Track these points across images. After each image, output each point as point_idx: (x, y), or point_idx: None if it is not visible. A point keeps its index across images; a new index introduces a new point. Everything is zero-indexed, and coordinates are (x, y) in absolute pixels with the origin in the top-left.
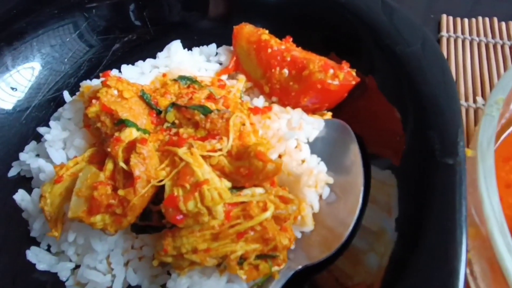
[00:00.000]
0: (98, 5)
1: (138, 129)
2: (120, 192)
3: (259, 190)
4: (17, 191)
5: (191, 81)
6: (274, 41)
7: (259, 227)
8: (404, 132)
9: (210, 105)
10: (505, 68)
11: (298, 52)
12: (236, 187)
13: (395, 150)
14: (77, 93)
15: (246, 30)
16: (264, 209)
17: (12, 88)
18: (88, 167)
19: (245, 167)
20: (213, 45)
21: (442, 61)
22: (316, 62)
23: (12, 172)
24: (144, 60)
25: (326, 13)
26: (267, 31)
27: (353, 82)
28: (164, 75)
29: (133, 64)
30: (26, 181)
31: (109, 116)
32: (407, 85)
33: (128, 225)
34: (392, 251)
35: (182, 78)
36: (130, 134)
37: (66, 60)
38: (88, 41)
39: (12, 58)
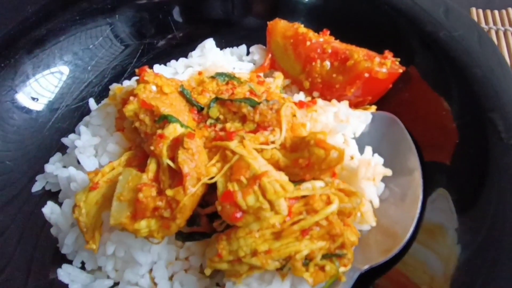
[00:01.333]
0: (122, 10)
1: (182, 125)
2: (168, 192)
3: (319, 184)
4: (42, 206)
5: (229, 78)
6: (312, 34)
7: (325, 222)
8: (458, 120)
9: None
10: None
11: (338, 44)
12: (294, 181)
13: (448, 141)
14: (105, 99)
15: (281, 25)
16: (328, 202)
17: (33, 98)
18: (128, 170)
19: (304, 158)
20: (243, 46)
21: (491, 43)
22: (359, 52)
23: (36, 187)
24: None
25: (362, 6)
26: (302, 25)
27: (400, 71)
28: (200, 73)
29: None
30: (52, 196)
31: (148, 113)
32: (456, 70)
33: (177, 229)
34: (458, 255)
35: (220, 75)
36: (174, 130)
37: (89, 68)
38: (111, 48)
39: (32, 66)
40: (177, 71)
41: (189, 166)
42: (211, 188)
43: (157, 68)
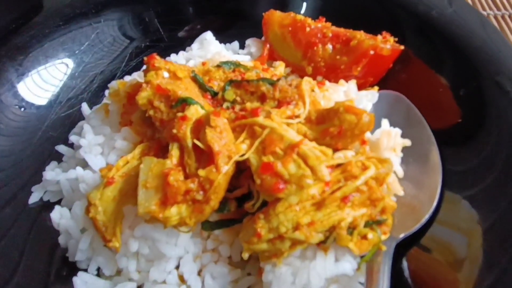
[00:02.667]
0: (106, 14)
1: (201, 107)
2: (201, 172)
3: (350, 153)
4: (42, 218)
5: (235, 65)
6: (310, 21)
7: (365, 188)
8: (464, 88)
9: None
10: None
11: (336, 28)
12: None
13: (455, 111)
14: (105, 99)
15: (277, 15)
16: (364, 168)
17: (20, 107)
18: (149, 158)
19: (335, 126)
20: (235, 43)
21: (480, 16)
22: (360, 32)
23: (33, 198)
24: None
25: None
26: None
27: (402, 47)
28: (204, 63)
29: None
30: (51, 207)
31: (163, 99)
32: (454, 43)
33: (211, 212)
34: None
35: (225, 63)
36: (196, 111)
37: (76, 74)
38: (98, 52)
39: (17, 74)
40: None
41: (219, 144)
42: (237, 171)
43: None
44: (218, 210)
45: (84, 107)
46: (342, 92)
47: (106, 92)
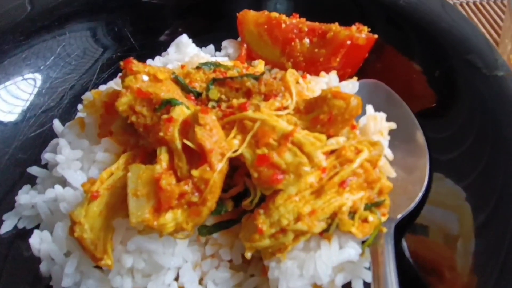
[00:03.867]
0: (72, 26)
1: (187, 107)
2: (194, 172)
3: (342, 138)
4: (16, 249)
5: (215, 66)
6: (285, 17)
7: (361, 170)
8: (438, 70)
9: None
10: None
11: (311, 23)
12: None
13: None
14: (80, 114)
15: (251, 14)
16: (358, 151)
17: None
18: (136, 166)
19: (325, 113)
20: (211, 46)
21: (442, 2)
22: (335, 25)
23: (6, 227)
24: None
25: None
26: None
27: (376, 36)
28: (182, 66)
29: None
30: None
31: (145, 103)
32: (423, 28)
33: (208, 214)
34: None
35: (205, 64)
36: (182, 111)
37: (44, 91)
38: (66, 67)
39: None
40: None
41: (211, 142)
42: (230, 169)
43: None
44: (215, 212)
45: (56, 124)
46: (324, 84)
47: (79, 107)
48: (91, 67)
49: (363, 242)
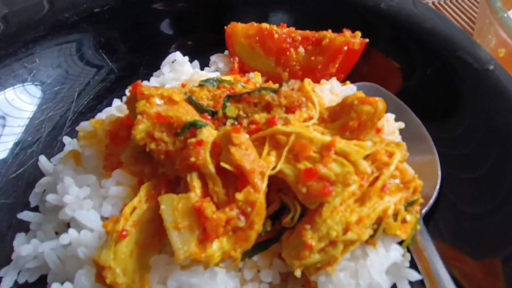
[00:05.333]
0: (41, 53)
1: (212, 128)
2: (238, 196)
3: (369, 143)
4: None
5: (219, 82)
6: (276, 28)
7: (397, 172)
8: (429, 68)
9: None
10: None
11: (302, 31)
12: None
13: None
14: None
15: (240, 27)
16: (390, 154)
17: None
18: (167, 197)
19: (354, 119)
20: (196, 62)
21: (419, 2)
22: (327, 32)
23: (6, 284)
24: (120, 98)
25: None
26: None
27: (367, 40)
28: (183, 85)
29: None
30: None
31: (164, 128)
32: (409, 29)
33: (256, 237)
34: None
35: (206, 81)
36: (210, 133)
37: (18, 125)
38: (39, 97)
39: None
40: None
41: (249, 162)
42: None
43: None
44: None
45: (43, 160)
46: (328, 90)
47: (65, 138)
48: (66, 94)
49: (400, 243)
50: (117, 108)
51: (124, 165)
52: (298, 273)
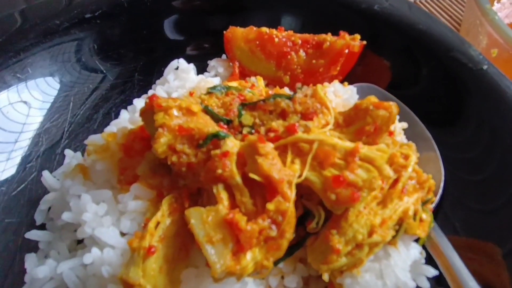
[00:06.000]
0: (33, 60)
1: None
2: (270, 206)
3: (382, 145)
4: None
5: (227, 88)
6: (275, 31)
7: (414, 174)
8: (425, 68)
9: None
10: None
11: (301, 34)
12: None
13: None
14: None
15: (239, 31)
16: (406, 157)
17: None
18: (195, 210)
19: (370, 124)
20: (191, 65)
21: (410, 4)
22: (326, 35)
23: None
24: (120, 107)
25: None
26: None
27: (364, 42)
28: (191, 93)
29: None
30: None
31: (186, 140)
32: (404, 31)
33: (287, 245)
34: None
35: (213, 88)
36: (235, 144)
37: (14, 139)
38: (35, 107)
39: None
40: None
41: (277, 171)
42: None
43: (139, 102)
44: None
45: (46, 176)
46: (332, 93)
47: (66, 152)
48: (62, 104)
49: (416, 240)
50: (130, 121)
51: (141, 178)
52: (326, 277)
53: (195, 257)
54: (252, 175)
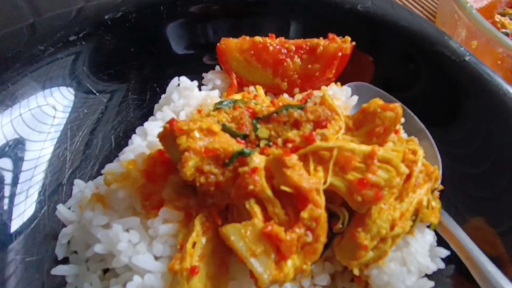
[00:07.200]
0: (20, 90)
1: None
2: (304, 214)
3: (391, 144)
4: None
5: (234, 102)
6: (269, 40)
7: (423, 167)
8: (411, 63)
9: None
10: None
11: (293, 40)
12: None
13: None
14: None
15: (233, 42)
16: (413, 152)
17: None
18: (232, 227)
19: (380, 126)
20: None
21: (391, 2)
22: (318, 39)
23: None
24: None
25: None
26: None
27: (354, 43)
28: (199, 111)
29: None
30: None
31: (211, 160)
32: (388, 28)
33: (322, 248)
34: None
35: (220, 103)
36: (261, 159)
37: (18, 174)
38: (32, 140)
39: None
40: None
41: (305, 181)
42: None
43: (150, 125)
44: None
45: (62, 210)
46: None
47: (76, 182)
48: (59, 133)
49: (428, 226)
50: (148, 146)
51: (167, 201)
52: (356, 271)
53: (233, 270)
54: (283, 188)
